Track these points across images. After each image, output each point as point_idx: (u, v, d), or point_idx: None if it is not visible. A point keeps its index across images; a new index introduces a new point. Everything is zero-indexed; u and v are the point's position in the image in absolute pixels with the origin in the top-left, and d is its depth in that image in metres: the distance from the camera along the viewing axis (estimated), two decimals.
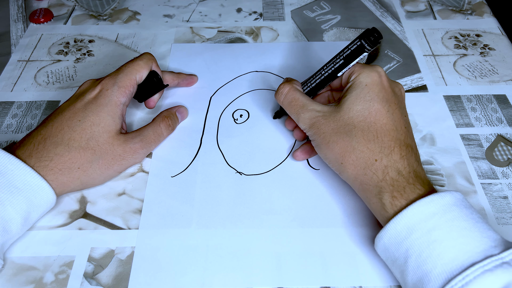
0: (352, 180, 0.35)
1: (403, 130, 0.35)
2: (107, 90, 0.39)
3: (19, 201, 0.33)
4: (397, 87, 0.38)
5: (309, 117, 0.37)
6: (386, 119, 0.35)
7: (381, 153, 0.33)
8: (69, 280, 0.34)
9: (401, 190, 0.32)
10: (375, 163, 0.33)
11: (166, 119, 0.43)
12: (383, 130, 0.34)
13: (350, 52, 0.37)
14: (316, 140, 0.37)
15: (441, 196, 0.31)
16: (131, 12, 0.61)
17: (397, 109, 0.36)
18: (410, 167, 0.33)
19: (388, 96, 0.36)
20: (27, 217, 0.34)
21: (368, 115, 0.35)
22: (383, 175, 0.33)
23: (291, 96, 0.39)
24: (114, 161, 0.38)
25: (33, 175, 0.34)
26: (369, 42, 0.36)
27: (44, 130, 0.37)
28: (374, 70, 0.37)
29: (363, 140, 0.34)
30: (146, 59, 0.42)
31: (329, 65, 0.39)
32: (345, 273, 0.35)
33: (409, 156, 0.34)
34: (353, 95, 0.36)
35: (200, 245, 0.37)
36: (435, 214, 0.30)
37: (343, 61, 0.37)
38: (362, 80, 0.36)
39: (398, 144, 0.34)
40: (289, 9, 0.61)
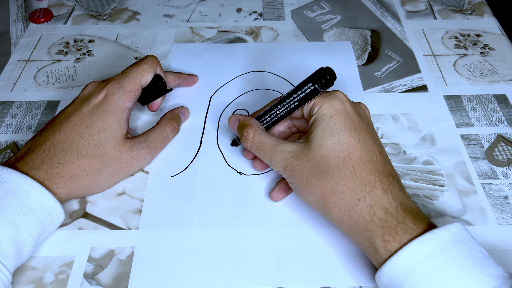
0: (339, 223, 0.33)
1: (379, 159, 0.33)
2: (112, 95, 0.38)
3: (33, 223, 0.32)
4: (361, 109, 0.36)
5: (280, 159, 0.35)
6: (360, 150, 0.33)
7: (363, 191, 0.31)
8: (69, 280, 0.34)
9: (392, 232, 0.30)
10: (358, 203, 0.31)
11: (171, 121, 0.43)
12: (359, 163, 0.32)
13: (304, 96, 0.35)
14: (293, 183, 0.35)
15: (437, 234, 0.29)
16: (131, 12, 0.61)
17: (367, 136, 0.34)
18: (396, 200, 0.31)
19: (355, 124, 0.34)
20: (38, 239, 0.34)
21: (340, 149, 0.33)
22: (370, 216, 0.31)
23: (258, 140, 0.37)
24: (121, 168, 0.38)
25: (47, 195, 0.33)
26: (321, 85, 0.34)
27: (52, 135, 0.37)
28: (335, 98, 0.35)
29: (341, 179, 0.32)
30: (150, 63, 0.42)
31: (283, 106, 0.37)
32: (345, 273, 0.35)
33: (392, 187, 0.32)
34: (320, 130, 0.34)
35: (200, 245, 0.37)
36: (432, 255, 0.28)
37: (297, 103, 0.36)
38: (325, 111, 0.34)
39: (378, 176, 0.32)
40: (289, 9, 0.61)
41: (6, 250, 0.31)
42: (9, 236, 0.31)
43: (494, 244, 0.36)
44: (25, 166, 0.35)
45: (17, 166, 0.35)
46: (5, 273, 0.30)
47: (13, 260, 0.31)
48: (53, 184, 0.35)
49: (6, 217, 0.31)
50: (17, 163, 0.35)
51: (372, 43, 0.56)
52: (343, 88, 0.50)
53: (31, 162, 0.35)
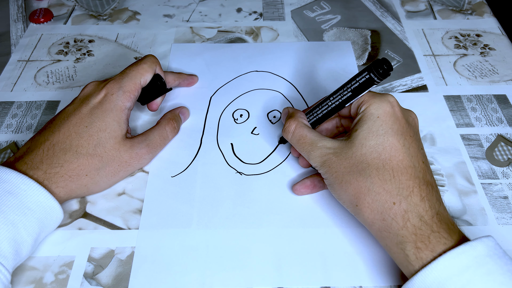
0: (369, 225, 0.32)
1: (421, 167, 0.32)
2: (112, 95, 0.38)
3: (31, 223, 0.32)
4: (411, 117, 0.35)
5: (319, 154, 0.35)
6: (403, 155, 0.32)
7: (399, 195, 0.30)
8: (69, 280, 0.34)
9: (425, 240, 0.29)
10: (393, 206, 0.30)
11: (171, 121, 0.43)
12: (400, 167, 0.31)
13: (358, 85, 0.34)
14: (329, 179, 0.34)
15: (473, 247, 0.28)
16: (131, 12, 0.61)
17: (413, 142, 0.33)
18: (432, 209, 0.30)
19: (403, 129, 0.33)
20: (37, 239, 0.34)
21: (382, 151, 0.32)
22: (404, 222, 0.30)
23: (299, 133, 0.37)
24: (120, 168, 0.38)
25: (45, 195, 0.33)
26: (378, 75, 0.33)
27: (51, 135, 0.37)
28: (386, 100, 0.34)
29: (379, 180, 0.31)
30: (150, 62, 0.42)
31: (335, 97, 0.36)
32: (345, 273, 0.35)
33: (430, 196, 0.31)
34: (365, 129, 0.33)
35: (200, 245, 0.37)
36: (469, 268, 0.27)
37: (351, 93, 0.35)
38: (373, 111, 0.33)
39: (417, 183, 0.31)
40: (289, 9, 0.61)
41: (5, 250, 0.31)
42: (7, 235, 0.31)
43: None
44: (24, 166, 0.35)
45: (16, 166, 0.35)
46: (4, 272, 0.30)
47: (12, 260, 0.31)
48: (52, 184, 0.35)
49: (4, 216, 0.31)
50: (16, 163, 0.35)
51: (372, 43, 0.56)
52: None
53: (30, 162, 0.35)
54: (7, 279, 0.30)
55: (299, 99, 0.48)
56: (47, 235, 0.36)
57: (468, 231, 0.37)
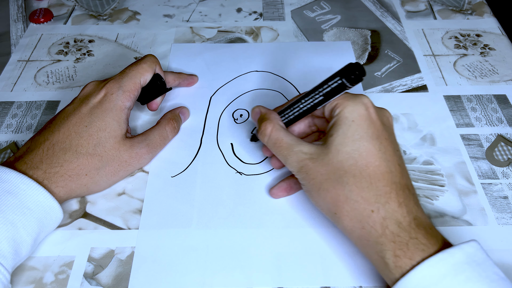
0: (349, 233, 0.32)
1: (397, 170, 0.32)
2: (112, 95, 0.38)
3: (31, 222, 0.32)
4: (385, 116, 0.35)
5: (296, 160, 0.34)
6: (379, 160, 0.31)
7: (377, 203, 0.30)
8: (69, 280, 0.34)
9: (403, 247, 0.29)
10: (371, 214, 0.30)
11: (172, 121, 0.43)
12: (377, 174, 0.31)
13: (330, 90, 0.34)
14: (306, 186, 0.34)
15: (451, 254, 0.28)
16: (131, 12, 0.61)
17: (389, 145, 0.33)
18: (410, 215, 0.30)
19: (378, 132, 0.32)
20: (37, 238, 0.34)
21: (358, 157, 0.31)
22: (382, 229, 0.30)
23: (275, 137, 0.36)
24: (120, 167, 0.38)
25: (45, 194, 0.33)
26: (350, 80, 0.32)
27: (51, 135, 0.37)
28: (360, 102, 0.33)
29: (356, 188, 0.31)
30: (150, 62, 0.42)
31: (307, 99, 0.36)
32: (345, 273, 0.35)
33: (408, 201, 0.31)
34: (340, 134, 0.32)
35: (200, 245, 0.37)
36: (446, 276, 0.27)
37: (322, 97, 0.34)
38: (347, 115, 0.33)
39: (394, 188, 0.31)
40: (289, 9, 0.61)
41: (4, 250, 0.31)
42: (6, 235, 0.31)
43: (494, 244, 0.36)
44: (23, 166, 0.35)
45: (16, 166, 0.35)
46: (3, 272, 0.30)
47: (11, 260, 0.31)
48: (52, 183, 0.35)
49: (3, 216, 0.31)
50: (16, 162, 0.35)
51: (372, 43, 0.56)
52: None
53: (29, 162, 0.35)
54: (6, 279, 0.30)
55: None
56: (47, 235, 0.36)
57: (468, 231, 0.37)
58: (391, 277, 0.29)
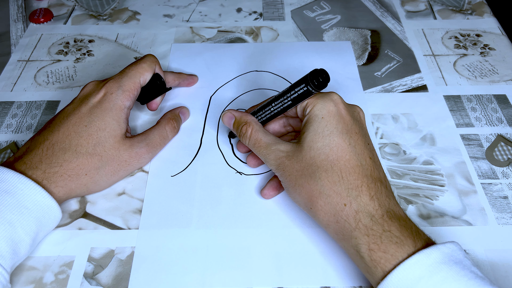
0: (325, 227, 0.33)
1: (368, 164, 0.33)
2: (111, 94, 0.38)
3: (29, 222, 0.32)
4: (355, 111, 0.36)
5: (274, 158, 0.35)
6: (349, 154, 0.32)
7: (349, 196, 0.31)
8: (69, 280, 0.34)
9: (377, 240, 0.29)
10: (344, 208, 0.31)
11: (171, 121, 0.43)
12: (347, 167, 0.32)
13: (297, 96, 0.35)
14: (284, 182, 0.35)
15: (427, 255, 0.28)
16: (131, 12, 0.61)
17: (359, 139, 0.33)
18: (382, 207, 0.31)
19: (347, 127, 0.33)
20: (35, 238, 0.33)
21: (329, 152, 0.32)
22: (356, 223, 0.30)
23: (254, 137, 0.37)
24: (120, 167, 0.38)
25: (43, 194, 0.33)
26: (314, 86, 0.34)
27: (51, 135, 0.37)
28: (329, 99, 0.34)
29: (328, 182, 0.32)
30: (149, 62, 0.42)
31: (277, 103, 0.37)
32: (345, 273, 0.35)
33: (379, 194, 0.31)
34: (311, 131, 0.33)
35: (200, 245, 0.37)
36: (421, 278, 0.27)
37: (291, 102, 0.36)
38: (317, 112, 0.34)
39: (365, 182, 0.31)
40: (289, 9, 0.61)
41: (2, 249, 0.31)
42: (4, 235, 0.31)
43: (494, 244, 0.36)
44: (23, 166, 0.35)
45: (15, 166, 0.35)
46: (2, 272, 0.30)
47: (9, 259, 0.31)
48: (51, 183, 0.35)
49: (1, 216, 0.31)
50: (16, 163, 0.35)
51: (372, 43, 0.56)
52: (343, 88, 0.50)
53: (29, 162, 0.35)
54: (5, 278, 0.30)
55: None
56: (47, 235, 0.36)
57: (468, 231, 0.37)
58: (368, 271, 0.30)
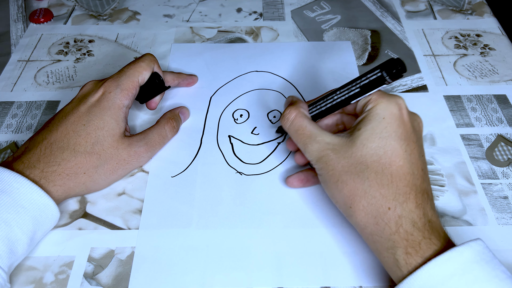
0: (361, 228, 0.32)
1: (419, 174, 0.32)
2: (110, 93, 0.38)
3: (25, 221, 0.32)
4: (416, 121, 0.34)
5: (317, 149, 0.34)
6: (403, 160, 0.31)
7: (395, 201, 0.30)
8: (69, 280, 0.34)
9: (416, 246, 0.29)
10: (388, 211, 0.30)
11: (171, 121, 0.43)
12: (399, 173, 0.31)
13: (368, 82, 0.33)
14: (323, 176, 0.34)
15: (460, 253, 0.27)
16: (131, 12, 0.61)
17: (415, 149, 0.32)
18: (425, 217, 0.30)
19: (407, 134, 0.32)
20: (33, 237, 0.33)
21: (383, 154, 0.31)
22: (397, 227, 0.30)
23: (298, 123, 0.35)
24: (118, 166, 0.38)
25: (39, 193, 0.33)
26: (390, 74, 0.32)
27: (49, 134, 0.37)
28: (394, 102, 0.33)
29: (376, 184, 0.31)
30: (148, 61, 0.42)
31: (342, 91, 0.35)
32: (345, 273, 0.35)
33: (425, 204, 0.31)
34: (369, 129, 0.32)
35: (200, 245, 0.37)
36: (453, 275, 0.27)
37: (359, 89, 0.34)
38: (379, 112, 0.32)
39: (414, 190, 0.31)
40: (289, 9, 0.61)
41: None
42: (0, 234, 0.31)
43: (494, 244, 0.36)
44: (21, 165, 0.35)
45: (14, 166, 0.35)
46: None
47: (6, 258, 0.31)
48: (49, 182, 0.35)
49: None
50: (14, 162, 0.35)
51: (372, 43, 0.56)
52: None
53: (27, 161, 0.35)
54: (2, 278, 0.31)
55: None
56: (46, 234, 0.36)
57: (468, 231, 0.37)
58: (399, 274, 0.29)
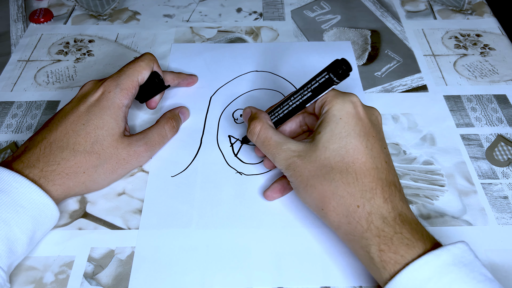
0: (336, 228, 0.33)
1: (384, 167, 0.32)
2: (109, 93, 0.38)
3: (24, 220, 0.32)
4: (373, 115, 0.35)
5: (284, 157, 0.35)
6: (365, 156, 0.32)
7: (362, 198, 0.31)
8: (69, 280, 0.34)
9: (388, 242, 0.29)
10: (357, 209, 0.31)
11: (171, 120, 0.43)
12: (363, 170, 0.31)
13: (318, 85, 0.34)
14: (294, 183, 0.34)
15: (437, 256, 0.28)
16: (131, 12, 0.61)
17: (376, 143, 0.33)
18: (395, 210, 0.31)
19: (365, 130, 0.33)
20: (33, 236, 0.33)
21: (345, 154, 0.32)
22: (368, 224, 0.30)
23: (264, 135, 0.36)
24: (118, 165, 0.38)
25: (38, 192, 0.33)
26: (337, 75, 0.33)
27: (49, 134, 0.37)
28: (348, 101, 0.34)
29: (342, 183, 0.31)
30: (147, 60, 0.42)
31: (296, 97, 0.36)
32: (345, 273, 0.35)
33: (393, 197, 0.31)
34: (328, 132, 0.33)
35: (200, 245, 0.37)
36: (430, 279, 0.27)
37: (311, 93, 0.35)
38: (335, 113, 0.33)
39: (380, 184, 0.31)
40: (289, 9, 0.61)
41: None
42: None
43: (494, 244, 0.36)
44: (20, 165, 0.35)
45: (13, 165, 0.35)
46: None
47: (5, 258, 0.31)
48: (48, 181, 0.35)
49: None
50: (14, 162, 0.35)
51: (372, 43, 0.56)
52: (343, 88, 0.49)
53: (26, 161, 0.35)
54: (2, 277, 0.31)
55: None
56: (46, 234, 0.36)
57: (468, 231, 0.37)
58: (377, 272, 0.30)
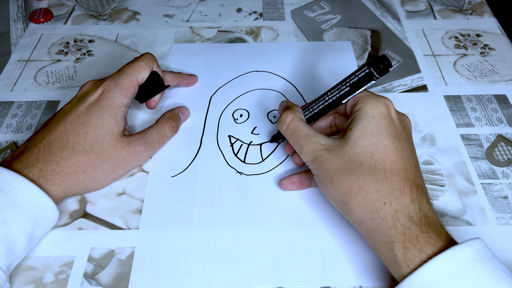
0: (358, 224, 0.32)
1: (412, 169, 0.32)
2: (108, 92, 0.38)
3: (23, 220, 0.32)
4: (405, 120, 0.36)
5: (312, 150, 0.35)
6: (395, 156, 0.32)
7: (390, 196, 0.31)
8: (69, 280, 0.34)
9: (413, 240, 0.29)
10: (383, 206, 0.31)
11: (170, 120, 0.43)
12: (392, 169, 0.32)
13: (357, 80, 0.34)
14: (319, 176, 0.34)
15: (460, 251, 0.28)
16: (131, 12, 0.61)
17: (406, 145, 0.33)
18: (422, 211, 0.30)
19: (396, 131, 0.33)
20: (32, 236, 0.33)
21: (375, 151, 0.32)
22: (393, 222, 0.30)
23: (294, 126, 0.36)
24: (117, 165, 0.38)
25: (37, 192, 0.33)
26: (378, 70, 0.33)
27: (48, 133, 0.37)
28: (382, 102, 0.34)
29: (370, 179, 0.31)
30: (147, 60, 0.42)
31: (333, 91, 0.36)
32: (345, 273, 0.35)
33: (420, 198, 0.31)
34: (360, 128, 0.33)
35: (200, 245, 0.37)
36: (454, 274, 0.27)
37: (349, 88, 0.35)
38: (368, 111, 0.33)
39: (408, 185, 0.31)
40: (289, 9, 0.61)
41: None
42: None
43: (494, 244, 0.36)
44: (19, 165, 0.35)
45: (12, 165, 0.35)
46: None
47: (4, 258, 0.31)
48: (48, 181, 0.35)
49: None
50: (13, 162, 0.35)
51: (372, 43, 0.56)
52: None
53: (26, 160, 0.35)
54: (1, 277, 0.31)
55: (299, 99, 0.48)
56: (46, 234, 0.36)
57: (468, 231, 0.37)
58: (398, 270, 0.29)
